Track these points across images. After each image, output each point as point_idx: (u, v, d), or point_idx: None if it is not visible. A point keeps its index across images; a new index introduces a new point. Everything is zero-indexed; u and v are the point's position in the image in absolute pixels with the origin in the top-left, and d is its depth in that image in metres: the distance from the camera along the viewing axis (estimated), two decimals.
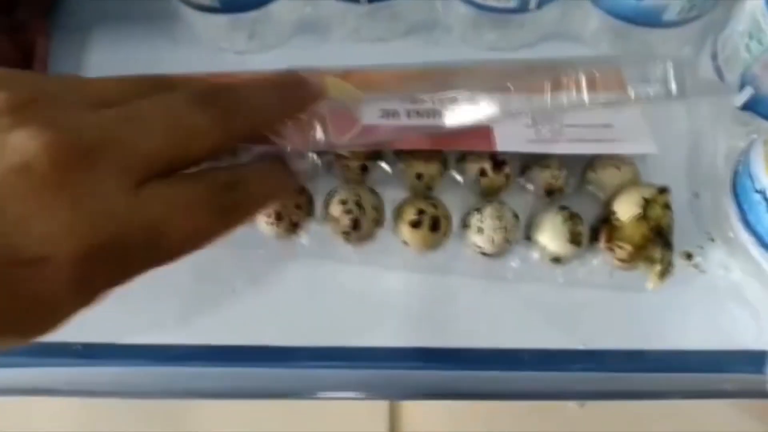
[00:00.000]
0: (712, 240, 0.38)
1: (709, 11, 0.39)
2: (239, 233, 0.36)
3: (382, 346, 0.37)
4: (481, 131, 0.36)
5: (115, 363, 0.38)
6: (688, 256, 0.38)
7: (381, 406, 0.54)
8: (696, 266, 0.38)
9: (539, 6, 0.40)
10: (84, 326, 0.35)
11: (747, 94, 0.37)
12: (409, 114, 0.36)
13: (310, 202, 0.36)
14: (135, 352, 0.37)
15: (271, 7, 0.43)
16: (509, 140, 0.35)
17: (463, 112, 0.36)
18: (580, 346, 0.36)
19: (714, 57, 0.40)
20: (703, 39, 0.41)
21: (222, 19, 0.43)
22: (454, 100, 0.36)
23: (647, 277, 0.35)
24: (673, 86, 0.36)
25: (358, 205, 0.35)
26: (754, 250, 0.35)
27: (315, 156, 0.35)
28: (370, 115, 0.36)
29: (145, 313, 0.38)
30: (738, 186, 0.36)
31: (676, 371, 0.37)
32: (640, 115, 0.36)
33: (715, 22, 0.40)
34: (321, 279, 0.38)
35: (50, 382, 0.39)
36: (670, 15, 0.38)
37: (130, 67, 0.42)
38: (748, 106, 0.37)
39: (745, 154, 0.35)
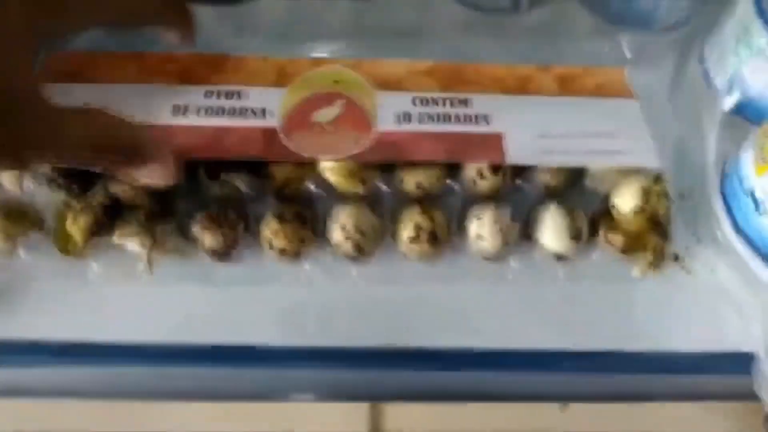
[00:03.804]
0: (699, 241, 0.38)
1: (698, 15, 0.40)
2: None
3: (372, 346, 0.36)
4: (493, 141, 0.36)
5: (93, 362, 0.36)
6: (675, 257, 0.38)
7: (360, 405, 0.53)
8: (683, 267, 0.38)
9: (530, 6, 0.40)
10: (61, 325, 0.36)
11: (735, 97, 0.37)
12: (421, 118, 0.36)
13: (314, 232, 0.36)
14: (117, 350, 0.36)
15: (260, 2, 0.42)
16: (519, 151, 0.35)
17: (474, 117, 0.36)
18: (570, 347, 0.36)
19: (701, 60, 0.40)
20: (691, 42, 0.42)
21: (208, 11, 0.42)
22: (465, 102, 0.37)
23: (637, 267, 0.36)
24: None
25: (359, 230, 0.35)
26: (743, 250, 0.35)
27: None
28: (385, 120, 0.36)
29: (144, 314, 0.37)
30: (726, 187, 0.36)
31: (663, 373, 0.37)
32: (644, 124, 0.37)
33: (702, 26, 0.41)
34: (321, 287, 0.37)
35: (25, 382, 0.38)
36: (661, 18, 0.39)
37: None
38: (736, 110, 0.38)
39: (734, 155, 0.36)
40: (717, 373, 0.36)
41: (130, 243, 0.35)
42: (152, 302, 0.37)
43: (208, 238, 0.35)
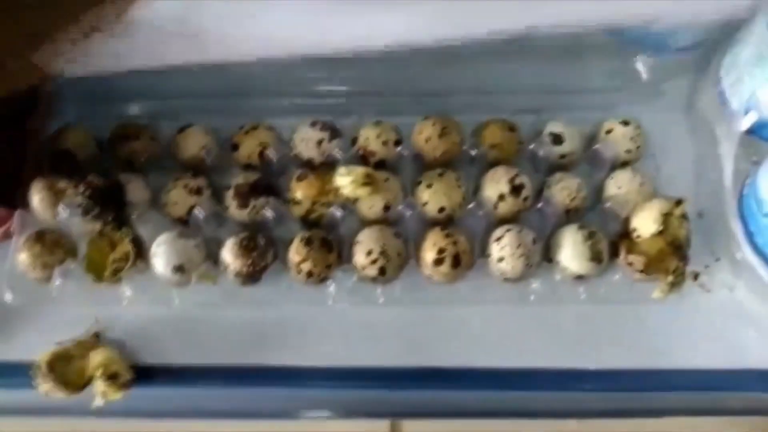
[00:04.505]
0: (718, 260, 0.39)
1: (713, 37, 0.40)
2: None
3: (395, 366, 0.37)
4: None
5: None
6: (695, 276, 0.38)
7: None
8: (702, 286, 0.38)
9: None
10: None
11: (752, 118, 0.38)
12: None
13: (339, 256, 0.37)
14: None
15: None
16: None
17: None
18: (592, 366, 0.37)
19: (717, 82, 0.41)
20: (707, 64, 0.42)
21: None
22: None
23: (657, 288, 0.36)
24: None
25: (384, 254, 0.35)
26: (762, 270, 0.36)
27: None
28: None
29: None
30: (744, 208, 0.37)
31: (682, 390, 0.37)
32: None
33: (718, 48, 0.41)
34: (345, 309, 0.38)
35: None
36: (677, 41, 0.39)
37: None
38: (753, 131, 0.38)
39: (752, 178, 0.36)
40: (737, 390, 0.37)
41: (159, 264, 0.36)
42: (179, 324, 0.38)
43: (237, 264, 0.36)
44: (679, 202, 0.36)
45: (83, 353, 0.35)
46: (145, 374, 0.37)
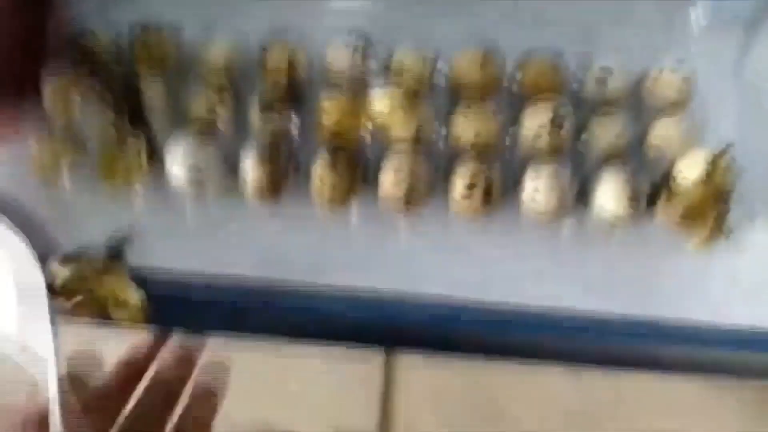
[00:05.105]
0: (756, 215, 0.37)
1: None
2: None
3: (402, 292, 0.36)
4: None
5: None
6: (730, 232, 0.37)
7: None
8: (736, 243, 0.37)
9: None
10: None
11: None
12: None
13: (364, 181, 0.35)
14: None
15: None
16: None
17: None
18: (616, 311, 0.36)
19: None
20: (761, 19, 0.40)
21: None
22: None
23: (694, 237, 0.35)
24: None
25: (411, 179, 0.34)
26: None
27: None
28: None
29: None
30: None
31: (706, 345, 0.36)
32: None
33: None
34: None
35: None
36: None
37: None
38: None
39: None
40: (761, 350, 0.36)
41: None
42: (193, 233, 0.37)
43: (257, 173, 0.34)
44: (724, 151, 0.34)
45: (96, 275, 0.34)
46: (148, 282, 0.36)
